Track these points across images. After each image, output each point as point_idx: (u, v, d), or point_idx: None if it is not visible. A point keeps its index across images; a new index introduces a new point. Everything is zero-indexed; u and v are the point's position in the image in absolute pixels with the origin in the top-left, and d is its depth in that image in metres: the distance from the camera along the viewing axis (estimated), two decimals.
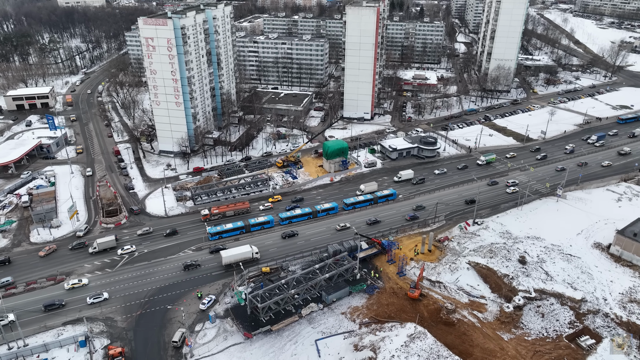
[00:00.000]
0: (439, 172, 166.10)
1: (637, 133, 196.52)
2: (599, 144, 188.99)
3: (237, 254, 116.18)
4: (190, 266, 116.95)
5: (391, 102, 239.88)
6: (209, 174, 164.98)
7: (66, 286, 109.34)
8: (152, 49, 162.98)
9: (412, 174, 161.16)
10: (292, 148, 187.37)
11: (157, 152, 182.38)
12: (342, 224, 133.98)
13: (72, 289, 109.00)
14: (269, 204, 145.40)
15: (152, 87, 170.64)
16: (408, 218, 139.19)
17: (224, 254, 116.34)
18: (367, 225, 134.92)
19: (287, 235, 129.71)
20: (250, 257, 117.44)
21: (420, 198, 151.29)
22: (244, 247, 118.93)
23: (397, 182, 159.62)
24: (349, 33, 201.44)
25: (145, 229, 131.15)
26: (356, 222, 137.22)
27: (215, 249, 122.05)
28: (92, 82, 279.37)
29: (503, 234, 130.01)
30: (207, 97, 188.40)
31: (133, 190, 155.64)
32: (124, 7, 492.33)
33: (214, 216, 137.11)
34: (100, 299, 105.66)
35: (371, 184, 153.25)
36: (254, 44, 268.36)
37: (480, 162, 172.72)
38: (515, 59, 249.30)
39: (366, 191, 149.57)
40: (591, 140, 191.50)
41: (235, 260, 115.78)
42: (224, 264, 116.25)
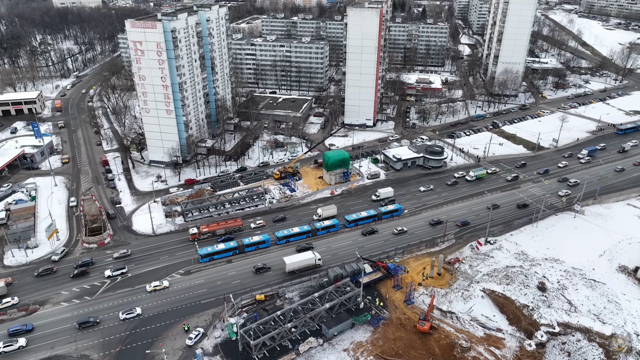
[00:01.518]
0: (425, 189, 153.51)
1: (627, 148, 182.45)
2: (585, 161, 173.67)
3: (300, 261, 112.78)
4: (262, 269, 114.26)
5: (394, 108, 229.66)
6: (202, 187, 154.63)
7: (148, 288, 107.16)
8: (141, 54, 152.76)
9: (392, 192, 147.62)
10: (290, 157, 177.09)
11: (147, 162, 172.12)
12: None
13: (154, 291, 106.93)
14: (261, 221, 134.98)
15: (141, 93, 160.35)
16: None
17: (288, 261, 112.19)
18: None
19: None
20: (313, 264, 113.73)
21: (427, 213, 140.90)
22: (308, 254, 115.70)
23: (375, 202, 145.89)
24: (350, 35, 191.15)
25: (123, 251, 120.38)
26: (358, 241, 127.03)
27: (260, 267, 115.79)
28: (83, 86, 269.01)
29: (518, 255, 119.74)
30: (201, 104, 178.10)
31: (120, 205, 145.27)
32: (120, 8, 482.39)
33: (203, 235, 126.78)
34: (134, 314, 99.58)
35: (330, 207, 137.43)
36: (251, 47, 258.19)
37: (470, 177, 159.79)
38: (523, 62, 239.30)
39: (324, 215, 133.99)
40: (581, 154, 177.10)
41: (298, 267, 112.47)
42: (287, 271, 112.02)
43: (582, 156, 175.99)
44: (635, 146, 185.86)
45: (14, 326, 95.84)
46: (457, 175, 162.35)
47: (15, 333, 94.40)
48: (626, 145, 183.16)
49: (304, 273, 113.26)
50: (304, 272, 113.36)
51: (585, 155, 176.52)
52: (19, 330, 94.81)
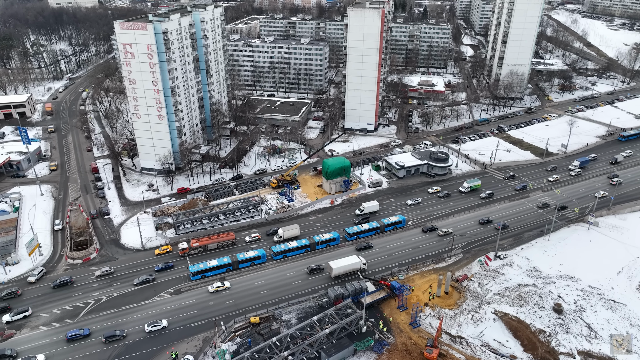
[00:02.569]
0: (412, 203, 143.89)
1: (620, 159, 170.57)
2: (575, 172, 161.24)
3: (346, 265, 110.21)
4: (315, 270, 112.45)
5: (396, 111, 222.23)
6: (195, 196, 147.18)
7: (211, 289, 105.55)
8: (131, 56, 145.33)
9: (377, 206, 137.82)
10: (288, 164, 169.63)
11: (139, 170, 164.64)
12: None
13: (217, 292, 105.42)
14: (256, 235, 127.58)
15: (131, 98, 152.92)
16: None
17: (334, 265, 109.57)
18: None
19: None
20: (359, 268, 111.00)
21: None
22: (353, 258, 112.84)
23: (358, 216, 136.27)
24: (350, 37, 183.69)
25: (106, 269, 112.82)
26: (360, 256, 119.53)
27: (314, 268, 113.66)
28: (76, 89, 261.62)
29: (531, 272, 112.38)
30: (195, 109, 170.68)
31: (108, 216, 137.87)
32: (116, 9, 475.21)
33: (193, 250, 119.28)
34: (159, 327, 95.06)
35: (292, 227, 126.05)
36: (248, 48, 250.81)
37: (464, 189, 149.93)
38: (529, 64, 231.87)
39: (286, 237, 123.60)
40: (573, 166, 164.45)
41: (345, 272, 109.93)
42: (333, 275, 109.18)
43: (574, 168, 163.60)
44: (629, 156, 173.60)
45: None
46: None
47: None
48: (619, 156, 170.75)
49: (349, 278, 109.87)
50: (350, 276, 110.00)
51: (577, 167, 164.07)
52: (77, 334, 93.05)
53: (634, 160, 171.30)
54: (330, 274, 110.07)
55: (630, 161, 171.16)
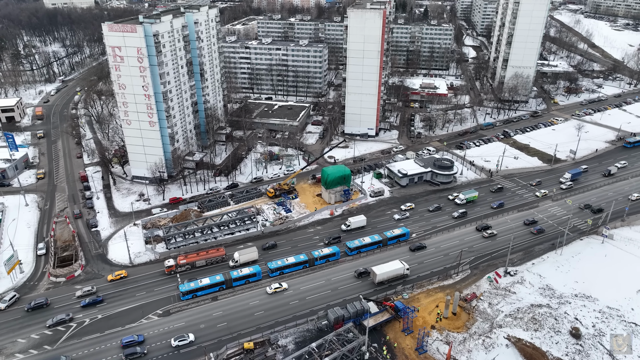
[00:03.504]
0: (400, 217, 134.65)
1: (614, 171, 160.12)
2: (566, 186, 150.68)
3: (390, 271, 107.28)
4: (363, 274, 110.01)
5: (397, 115, 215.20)
6: (188, 207, 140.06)
7: (269, 290, 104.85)
8: (120, 60, 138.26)
9: (365, 221, 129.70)
10: (286, 172, 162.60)
11: (129, 178, 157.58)
12: None
13: (275, 293, 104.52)
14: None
15: (121, 103, 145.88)
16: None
17: (378, 271, 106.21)
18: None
19: None
20: (402, 274, 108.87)
21: (438, 238, 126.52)
22: (396, 263, 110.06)
23: (345, 232, 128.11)
24: (351, 39, 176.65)
25: (87, 289, 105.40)
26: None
27: (362, 272, 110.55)
28: (69, 91, 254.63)
29: (544, 290, 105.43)
30: (188, 114, 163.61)
31: (96, 228, 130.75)
32: (113, 9, 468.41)
33: (180, 268, 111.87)
34: (186, 341, 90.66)
35: (250, 250, 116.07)
36: (245, 50, 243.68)
37: (460, 201, 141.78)
38: (534, 66, 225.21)
39: (242, 261, 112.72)
40: (564, 179, 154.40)
41: (388, 278, 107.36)
42: (377, 282, 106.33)
43: (565, 180, 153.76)
44: (624, 167, 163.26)
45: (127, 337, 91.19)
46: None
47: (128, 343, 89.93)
48: (612, 168, 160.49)
49: (393, 283, 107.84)
50: (393, 282, 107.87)
51: (568, 179, 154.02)
52: (132, 341, 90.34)
53: (630, 172, 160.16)
54: (374, 279, 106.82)
55: (625, 173, 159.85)
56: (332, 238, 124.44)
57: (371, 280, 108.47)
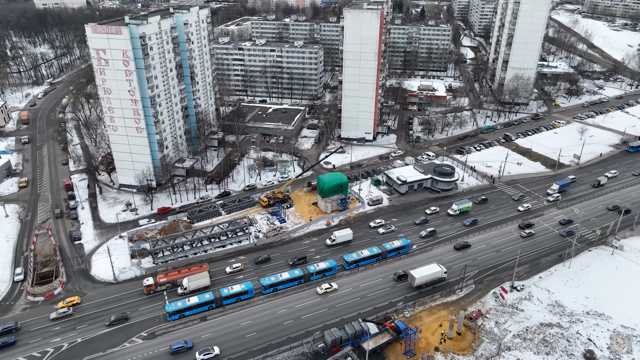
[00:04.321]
0: (385, 231, 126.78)
1: (604, 181, 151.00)
2: (553, 199, 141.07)
3: (429, 274, 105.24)
4: (402, 276, 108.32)
5: (395, 118, 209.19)
6: (177, 217, 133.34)
7: (319, 291, 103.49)
8: (105, 63, 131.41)
9: (351, 235, 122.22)
10: (280, 179, 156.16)
11: (117, 187, 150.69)
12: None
13: (325, 293, 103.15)
14: (238, 265, 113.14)
15: (106, 109, 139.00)
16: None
17: (417, 274, 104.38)
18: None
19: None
20: (440, 277, 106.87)
21: (440, 250, 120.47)
22: (434, 267, 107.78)
23: (330, 247, 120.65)
24: (347, 40, 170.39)
25: (63, 310, 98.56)
26: (359, 288, 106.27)
27: (402, 274, 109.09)
28: (57, 94, 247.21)
29: (553, 307, 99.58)
30: (178, 119, 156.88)
31: (79, 241, 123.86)
32: (105, 9, 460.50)
33: (160, 286, 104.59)
34: (211, 355, 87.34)
35: (201, 275, 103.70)
36: (238, 52, 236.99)
37: (452, 211, 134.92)
38: (535, 68, 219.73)
39: (192, 287, 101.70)
40: (551, 190, 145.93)
41: (427, 281, 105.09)
42: (415, 285, 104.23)
43: (552, 192, 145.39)
44: (615, 177, 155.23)
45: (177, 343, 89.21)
46: (428, 212, 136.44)
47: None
48: (602, 178, 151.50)
49: (433, 288, 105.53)
50: (431, 285, 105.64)
51: (555, 190, 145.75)
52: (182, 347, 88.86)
53: (621, 182, 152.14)
54: (412, 283, 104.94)
55: (616, 183, 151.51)
56: (297, 259, 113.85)
57: (409, 284, 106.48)
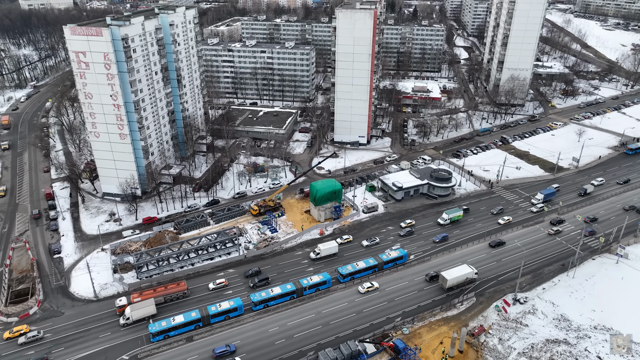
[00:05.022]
0: (370, 243, 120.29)
1: (590, 189, 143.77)
2: (537, 209, 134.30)
3: (460, 275, 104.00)
4: (434, 277, 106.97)
5: (389, 121, 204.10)
6: (163, 228, 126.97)
7: (361, 290, 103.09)
8: (85, 67, 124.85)
9: (336, 248, 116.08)
10: (271, 186, 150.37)
11: (100, 195, 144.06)
12: None
13: (367, 292, 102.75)
14: (222, 281, 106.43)
15: (88, 115, 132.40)
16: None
17: (448, 276, 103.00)
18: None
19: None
20: (471, 278, 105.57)
21: (440, 260, 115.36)
22: (464, 268, 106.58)
23: (314, 260, 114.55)
24: (340, 41, 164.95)
25: (33, 334, 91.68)
26: (355, 302, 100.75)
27: (433, 276, 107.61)
28: (41, 98, 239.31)
29: (559, 321, 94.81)
30: (164, 124, 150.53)
31: (59, 255, 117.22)
32: (92, 10, 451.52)
33: None
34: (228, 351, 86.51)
35: (146, 303, 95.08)
36: (228, 53, 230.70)
37: (443, 221, 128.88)
38: (531, 68, 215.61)
39: (135, 317, 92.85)
40: (536, 199, 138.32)
41: (458, 282, 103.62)
42: (447, 287, 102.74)
43: (537, 202, 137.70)
44: (601, 185, 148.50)
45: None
46: (403, 225, 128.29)
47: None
48: (588, 187, 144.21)
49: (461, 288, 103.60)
50: (462, 286, 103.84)
51: (540, 200, 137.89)
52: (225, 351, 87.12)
53: (609, 191, 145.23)
54: (444, 285, 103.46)
55: (604, 191, 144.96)
56: (259, 280, 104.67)
57: (439, 286, 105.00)
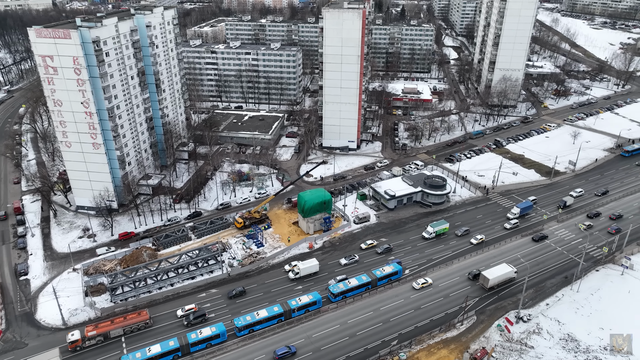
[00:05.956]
0: (349, 261, 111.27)
1: (569, 202, 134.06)
2: (510, 226, 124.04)
3: (501, 275, 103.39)
4: (477, 276, 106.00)
5: (380, 124, 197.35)
6: (140, 244, 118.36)
7: (416, 286, 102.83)
8: (53, 72, 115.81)
9: (317, 267, 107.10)
10: (257, 196, 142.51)
11: (74, 209, 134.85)
12: None
13: (422, 289, 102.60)
14: (192, 307, 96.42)
15: (58, 123, 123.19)
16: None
17: (490, 276, 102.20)
18: None
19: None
20: (511, 277, 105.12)
21: (437, 273, 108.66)
22: (504, 267, 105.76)
23: (293, 280, 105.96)
24: (327, 42, 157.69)
25: None
26: (348, 324, 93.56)
27: (476, 274, 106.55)
28: (15, 103, 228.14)
29: (566, 341, 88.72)
30: (142, 131, 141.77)
31: (25, 277, 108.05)
32: (72, 11, 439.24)
33: (89, 341, 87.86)
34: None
35: (51, 354, 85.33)
36: (211, 55, 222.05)
37: (428, 234, 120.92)
38: (523, 69, 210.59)
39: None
40: (512, 214, 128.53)
41: (499, 282, 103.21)
42: (488, 287, 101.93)
43: (512, 217, 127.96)
44: (581, 196, 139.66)
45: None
46: (363, 247, 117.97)
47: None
48: (567, 199, 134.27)
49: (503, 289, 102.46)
50: (502, 285, 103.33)
51: (516, 215, 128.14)
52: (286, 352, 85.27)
53: (591, 204, 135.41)
54: (485, 285, 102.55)
55: (583, 203, 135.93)
56: (194, 317, 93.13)
57: (480, 286, 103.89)
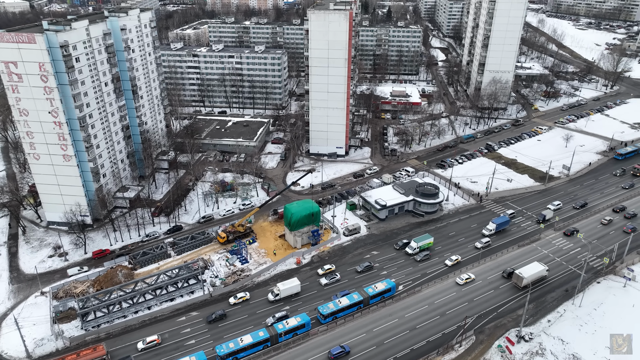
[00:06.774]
0: (329, 282, 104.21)
1: (549, 216, 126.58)
2: (482, 244, 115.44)
3: (534, 273, 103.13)
4: (511, 274, 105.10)
5: (368, 129, 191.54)
6: (116, 263, 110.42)
7: (460, 281, 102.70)
8: (18, 79, 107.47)
9: (299, 287, 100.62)
10: (241, 207, 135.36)
11: (44, 225, 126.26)
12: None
13: (465, 284, 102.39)
14: (155, 339, 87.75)
15: (24, 134, 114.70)
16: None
17: (524, 274, 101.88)
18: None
19: None
20: (544, 275, 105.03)
21: (432, 289, 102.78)
22: (537, 265, 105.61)
23: (272, 303, 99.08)
24: (313, 45, 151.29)
25: None
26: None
27: (510, 272, 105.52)
28: None
29: None
30: (118, 140, 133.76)
31: None
32: (51, 13, 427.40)
33: None
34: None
35: None
36: (193, 58, 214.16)
37: (412, 250, 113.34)
38: (513, 71, 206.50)
39: None
40: (487, 230, 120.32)
41: (532, 280, 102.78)
42: (522, 285, 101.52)
43: (488, 232, 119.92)
44: (559, 209, 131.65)
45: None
46: (320, 272, 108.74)
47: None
48: (547, 213, 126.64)
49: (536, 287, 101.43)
50: (536, 284, 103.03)
51: (491, 231, 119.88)
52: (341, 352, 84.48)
53: (573, 218, 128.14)
54: (519, 284, 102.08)
55: (564, 217, 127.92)
56: (215, 318, 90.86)
57: (512, 284, 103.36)
